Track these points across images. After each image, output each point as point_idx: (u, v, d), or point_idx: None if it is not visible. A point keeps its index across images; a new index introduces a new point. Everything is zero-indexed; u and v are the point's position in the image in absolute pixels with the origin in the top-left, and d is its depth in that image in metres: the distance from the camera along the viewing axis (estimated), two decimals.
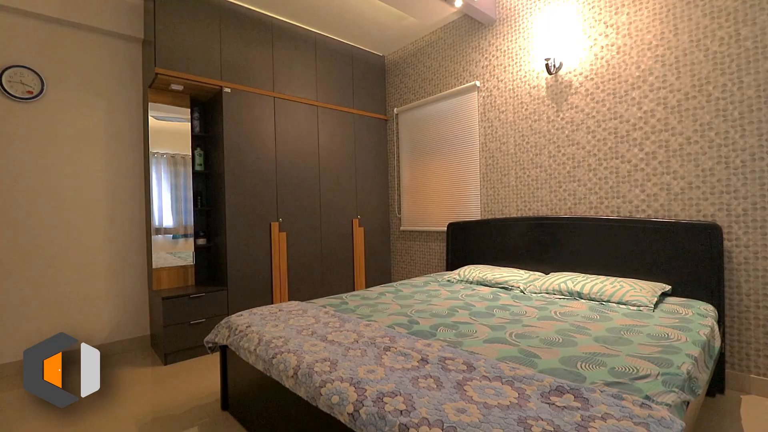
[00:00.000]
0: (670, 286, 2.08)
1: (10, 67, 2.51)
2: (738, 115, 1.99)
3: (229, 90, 2.90)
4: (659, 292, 1.98)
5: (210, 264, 3.19)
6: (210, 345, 1.95)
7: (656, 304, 1.91)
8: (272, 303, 3.11)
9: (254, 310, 2.01)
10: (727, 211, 2.03)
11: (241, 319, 1.86)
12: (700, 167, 2.12)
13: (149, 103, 2.79)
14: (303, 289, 3.30)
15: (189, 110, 2.96)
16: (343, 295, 2.37)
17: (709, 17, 2.07)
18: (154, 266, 2.80)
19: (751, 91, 1.95)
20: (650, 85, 2.29)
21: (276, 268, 3.13)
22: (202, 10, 2.80)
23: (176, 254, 2.91)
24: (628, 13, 2.37)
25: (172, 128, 2.89)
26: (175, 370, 2.51)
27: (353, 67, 3.77)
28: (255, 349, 1.54)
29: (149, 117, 2.79)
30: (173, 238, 2.91)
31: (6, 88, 2.49)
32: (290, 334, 1.59)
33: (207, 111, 3.15)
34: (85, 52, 2.80)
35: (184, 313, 2.64)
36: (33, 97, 2.58)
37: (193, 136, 3.01)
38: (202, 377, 2.38)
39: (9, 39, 2.53)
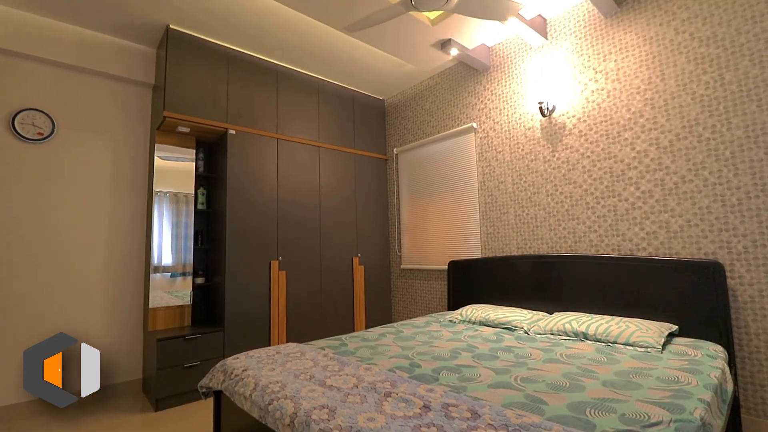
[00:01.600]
0: (677, 326, 2.03)
1: (23, 110, 2.61)
2: (729, 154, 2.04)
3: (233, 132, 2.99)
4: (666, 333, 1.93)
5: (208, 303, 3.14)
6: (204, 390, 1.87)
7: (664, 345, 1.85)
8: (270, 344, 3.03)
9: (251, 352, 1.95)
10: (728, 249, 2.02)
11: (237, 362, 1.80)
12: (696, 205, 2.14)
13: (156, 144, 2.87)
14: (302, 330, 3.22)
15: (194, 151, 3.04)
16: (343, 337, 2.31)
17: (694, 63, 2.18)
18: (150, 306, 2.75)
19: (740, 132, 2.01)
20: (641, 126, 2.36)
21: (275, 307, 3.08)
22: (211, 57, 2.95)
23: (173, 293, 2.87)
24: (615, 60, 2.49)
25: (176, 168, 2.96)
26: (166, 417, 2.39)
27: (354, 109, 3.91)
28: (251, 395, 1.48)
29: (155, 157, 2.86)
30: (171, 276, 2.88)
31: (18, 129, 2.57)
32: (288, 379, 1.54)
33: (211, 151, 3.23)
34: (96, 96, 2.92)
35: (178, 355, 2.56)
36: (43, 139, 2.66)
37: (197, 176, 3.07)
38: (193, 425, 2.26)
39: (25, 83, 2.65)
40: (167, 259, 2.87)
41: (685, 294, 2.06)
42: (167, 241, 2.87)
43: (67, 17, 2.67)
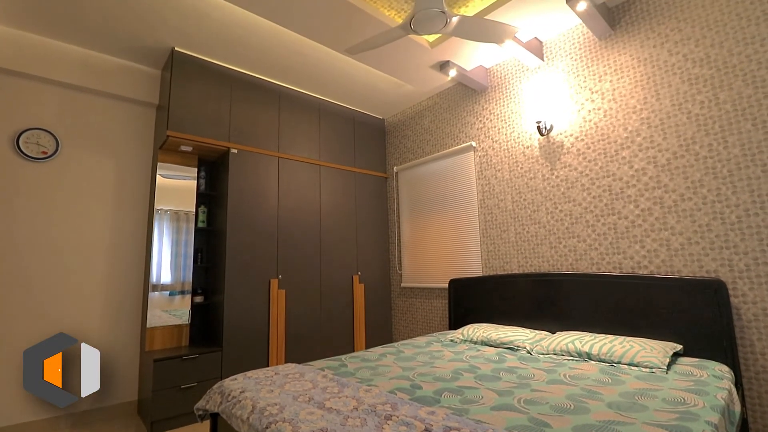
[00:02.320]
0: (681, 346, 2.00)
1: (28, 130, 2.64)
2: (727, 172, 2.06)
3: (235, 151, 3.03)
4: (671, 352, 1.90)
5: (206, 322, 3.11)
6: (200, 412, 1.83)
7: (669, 365, 1.82)
8: (268, 364, 2.98)
9: (249, 373, 1.92)
10: (730, 267, 2.01)
11: (234, 383, 1.77)
12: (696, 223, 2.14)
13: (158, 163, 2.89)
14: (301, 349, 3.17)
15: (196, 169, 3.07)
16: (342, 357, 2.28)
17: (688, 84, 2.22)
18: (148, 325, 2.72)
19: (737, 150, 2.03)
20: (639, 145, 2.39)
21: (274, 326, 3.04)
22: (214, 78, 3.01)
23: (171, 312, 2.84)
24: (611, 81, 2.54)
25: (178, 186, 2.97)
26: None
27: (354, 128, 3.96)
28: (248, 418, 1.44)
29: (157, 175, 2.88)
30: (170, 294, 2.86)
31: (22, 148, 2.60)
32: (286, 401, 1.51)
33: (213, 170, 3.26)
34: (100, 116, 2.96)
35: (175, 376, 2.52)
36: (47, 157, 2.69)
37: (198, 194, 3.08)
38: None
39: (31, 103, 2.70)
40: (166, 278, 2.85)
41: (688, 312, 2.04)
42: (167, 259, 2.86)
43: (74, 39, 2.74)
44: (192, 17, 2.53)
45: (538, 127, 2.80)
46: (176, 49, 2.84)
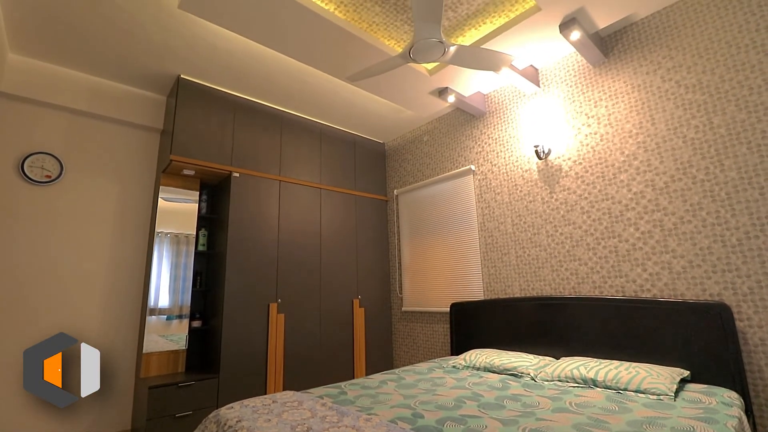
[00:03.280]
0: (688, 372, 1.96)
1: (34, 154, 2.68)
2: (725, 195, 2.07)
3: (237, 174, 3.06)
4: (678, 379, 1.86)
5: (203, 348, 3.05)
6: None
7: (676, 392, 1.78)
8: (266, 391, 2.90)
9: (246, 401, 1.87)
10: (733, 290, 2.00)
11: (231, 412, 1.72)
12: (697, 246, 2.14)
13: (160, 186, 2.92)
14: (299, 375, 3.10)
15: (198, 192, 3.09)
16: (342, 384, 2.22)
17: (682, 108, 2.27)
18: (144, 351, 2.67)
19: (734, 173, 2.05)
20: (636, 168, 2.41)
21: (272, 352, 2.98)
22: (218, 104, 3.08)
23: (168, 337, 2.79)
24: (606, 106, 2.59)
25: (179, 209, 2.99)
26: None
27: (355, 152, 4.02)
28: None
29: (159, 198, 2.90)
30: (167, 319, 2.82)
31: (26, 172, 2.63)
32: (284, 431, 1.46)
33: (215, 193, 3.28)
34: (105, 140, 3.01)
35: (170, 404, 2.45)
36: (50, 181, 2.72)
37: (199, 217, 3.09)
38: None
39: (38, 128, 2.74)
40: (164, 301, 2.82)
41: (693, 337, 2.00)
42: (165, 282, 2.84)
43: (84, 67, 2.82)
44: (199, 47, 2.61)
45: (536, 151, 2.84)
46: (182, 76, 2.92)
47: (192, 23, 2.39)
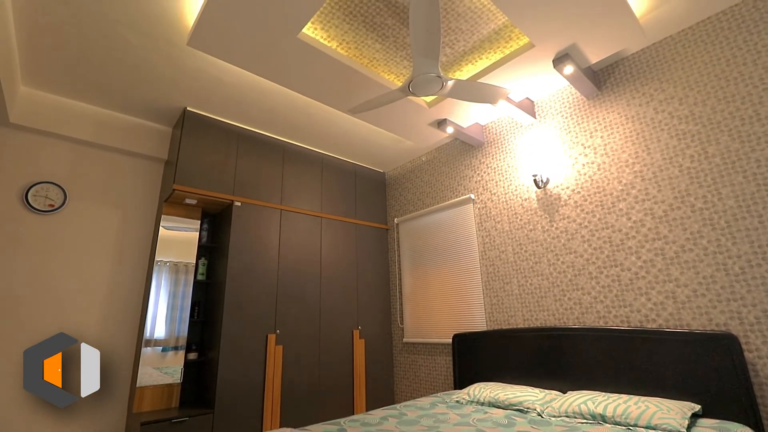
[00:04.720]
0: (699, 406, 1.89)
1: (38, 183, 2.71)
2: (725, 223, 2.07)
3: (239, 204, 3.08)
4: (689, 413, 1.79)
5: (199, 381, 2.96)
6: None
7: (689, 428, 1.71)
8: (262, 429, 2.79)
9: None
10: (740, 320, 1.96)
11: None
12: (700, 275, 2.12)
13: (162, 215, 2.93)
14: (297, 410, 2.99)
15: (199, 221, 3.10)
16: (341, 421, 2.14)
17: (676, 139, 2.31)
18: (138, 384, 2.59)
19: (732, 202, 2.07)
20: (634, 197, 2.43)
21: (269, 385, 2.89)
22: (222, 135, 3.14)
23: (163, 370, 2.72)
24: (601, 136, 2.65)
25: (179, 237, 2.99)
26: None
27: (356, 181, 4.07)
28: None
29: (160, 227, 2.90)
30: (163, 350, 2.75)
31: (30, 202, 2.66)
32: None
33: (216, 222, 3.30)
34: (109, 170, 3.05)
35: None
36: (53, 210, 2.74)
37: (200, 246, 3.09)
38: None
39: (43, 158, 2.79)
40: (160, 332, 2.77)
41: (702, 369, 1.95)
42: (162, 312, 2.80)
43: (91, 100, 2.89)
44: (205, 80, 2.70)
45: (535, 180, 2.87)
46: (188, 108, 3.00)
47: (200, 58, 2.48)
